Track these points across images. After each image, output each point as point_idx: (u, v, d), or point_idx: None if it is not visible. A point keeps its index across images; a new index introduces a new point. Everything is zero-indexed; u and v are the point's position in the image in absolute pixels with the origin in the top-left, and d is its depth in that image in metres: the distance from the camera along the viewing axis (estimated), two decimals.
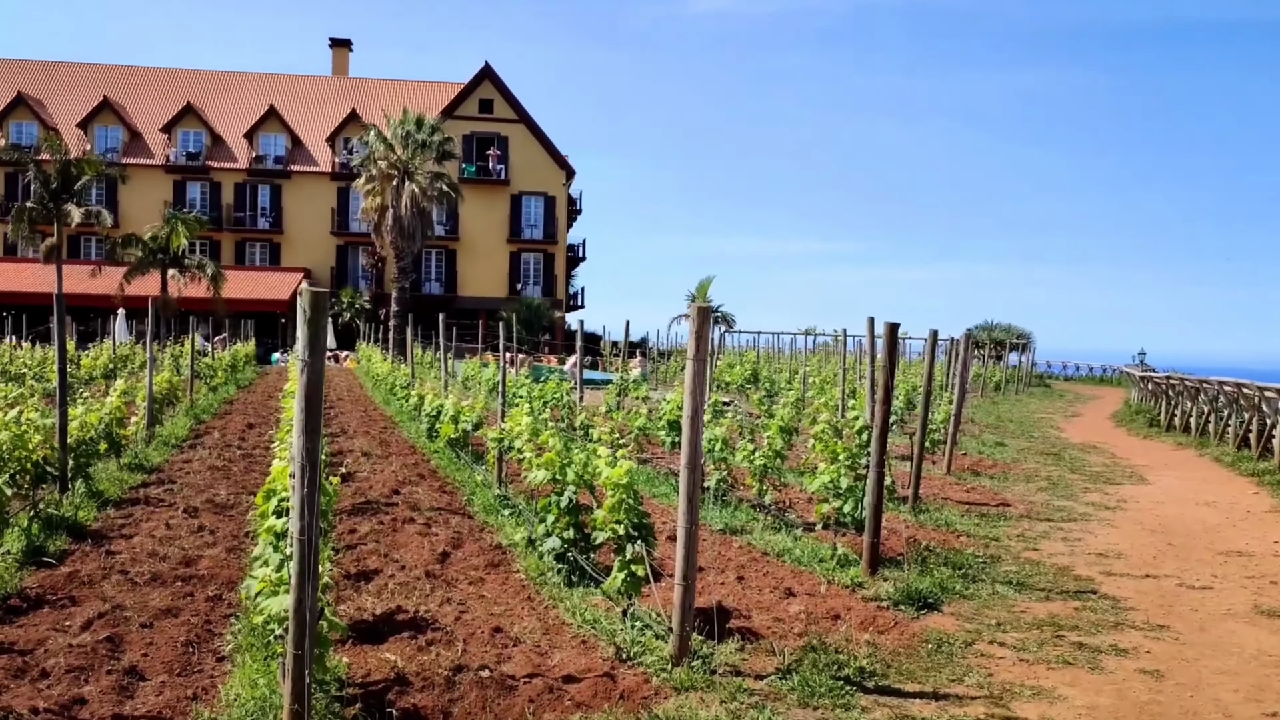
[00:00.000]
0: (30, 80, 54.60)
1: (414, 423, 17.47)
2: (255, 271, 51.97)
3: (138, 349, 32.68)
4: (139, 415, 14.20)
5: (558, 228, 55.78)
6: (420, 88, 57.86)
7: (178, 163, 52.90)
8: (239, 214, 53.56)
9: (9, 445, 8.10)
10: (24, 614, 6.39)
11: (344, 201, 53.74)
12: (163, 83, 56.37)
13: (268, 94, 56.00)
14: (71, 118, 52.74)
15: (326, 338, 3.92)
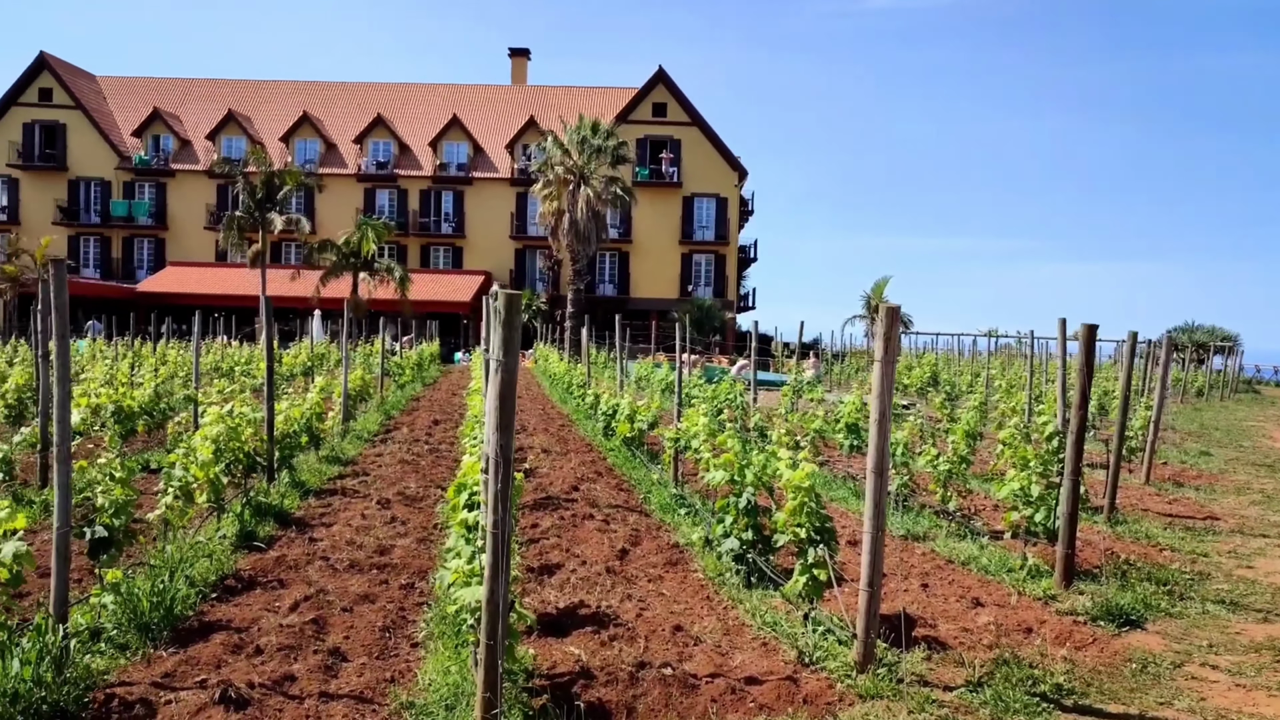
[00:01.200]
0: (239, 98, 59.04)
1: (590, 421, 17.82)
2: (439, 274, 54.37)
3: (332, 348, 34.78)
4: (335, 411, 15.09)
5: (729, 229, 55.74)
6: (595, 94, 59.08)
7: (368, 172, 55.96)
8: (424, 219, 56.18)
9: (225, 437, 8.75)
10: (239, 594, 6.89)
11: (522, 206, 55.51)
12: (355, 97, 59.81)
13: (451, 104, 58.47)
14: (275, 132, 56.68)
15: (520, 338, 4.03)
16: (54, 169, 55.12)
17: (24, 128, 55.13)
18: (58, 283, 5.57)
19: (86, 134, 55.37)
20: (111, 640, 5.66)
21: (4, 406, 13.91)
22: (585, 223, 41.70)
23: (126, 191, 55.89)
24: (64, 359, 5.59)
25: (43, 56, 55.26)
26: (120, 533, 6.10)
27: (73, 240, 55.21)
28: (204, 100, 58.92)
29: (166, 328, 29.71)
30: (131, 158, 55.61)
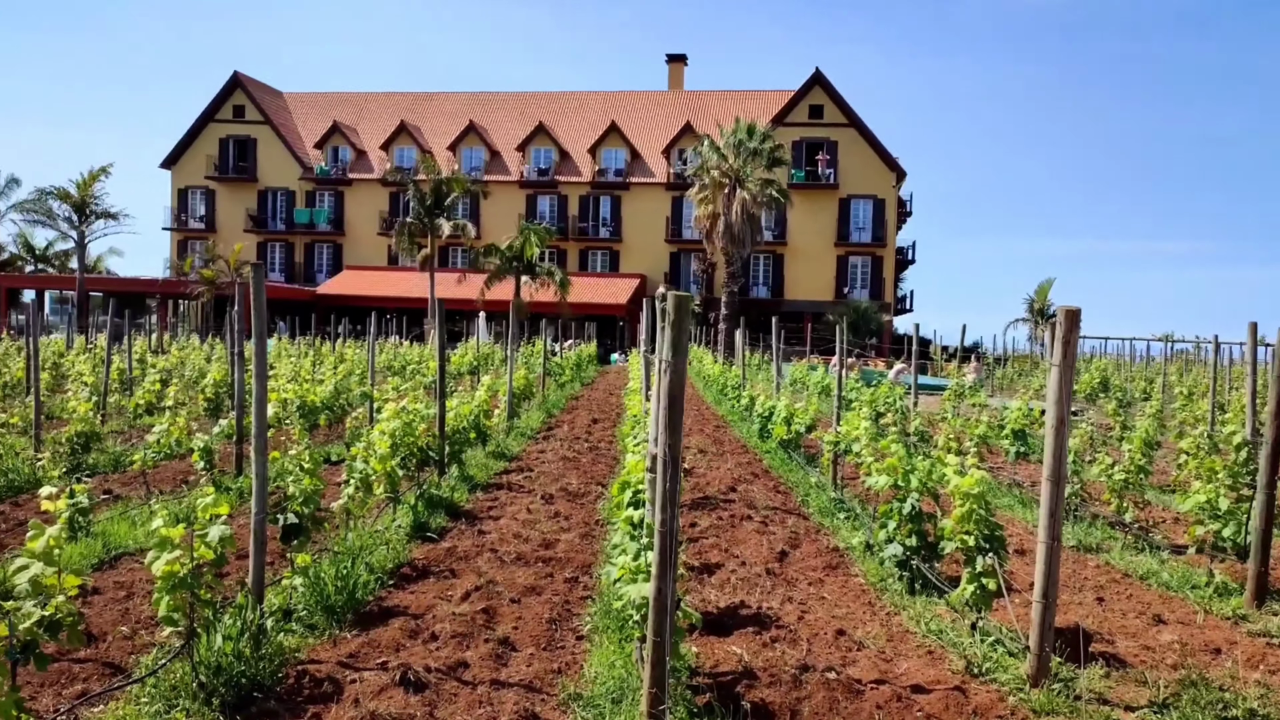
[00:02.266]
0: (410, 110, 61.87)
1: (745, 423, 17.80)
2: (596, 277, 55.41)
3: (496, 348, 35.97)
4: (500, 408, 15.63)
5: (886, 230, 54.52)
6: (751, 97, 58.94)
7: (530, 178, 57.60)
8: (582, 224, 57.38)
9: (400, 432, 9.20)
10: (414, 582, 7.24)
11: (677, 210, 55.95)
12: (518, 106, 61.68)
13: (609, 111, 59.51)
14: (443, 141, 59.10)
15: (689, 339, 4.10)
16: (245, 180, 59.22)
17: (220, 143, 59.48)
18: (256, 286, 6.01)
19: (274, 147, 59.24)
20: (301, 620, 6.05)
21: (204, 400, 15.05)
22: (740, 225, 41.63)
23: (308, 200, 59.46)
24: (262, 356, 6.02)
25: (236, 76, 59.46)
26: (309, 520, 6.52)
27: (261, 246, 59.14)
28: (379, 112, 62.05)
29: (343, 328, 31.39)
30: (313, 169, 59.13)
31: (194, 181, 59.71)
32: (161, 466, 11.01)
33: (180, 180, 60.01)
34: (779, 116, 53.77)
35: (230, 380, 15.40)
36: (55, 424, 13.86)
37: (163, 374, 17.78)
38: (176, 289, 49.19)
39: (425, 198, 44.77)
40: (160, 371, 17.97)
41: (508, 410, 16.05)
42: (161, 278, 54.80)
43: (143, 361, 22.32)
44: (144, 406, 15.20)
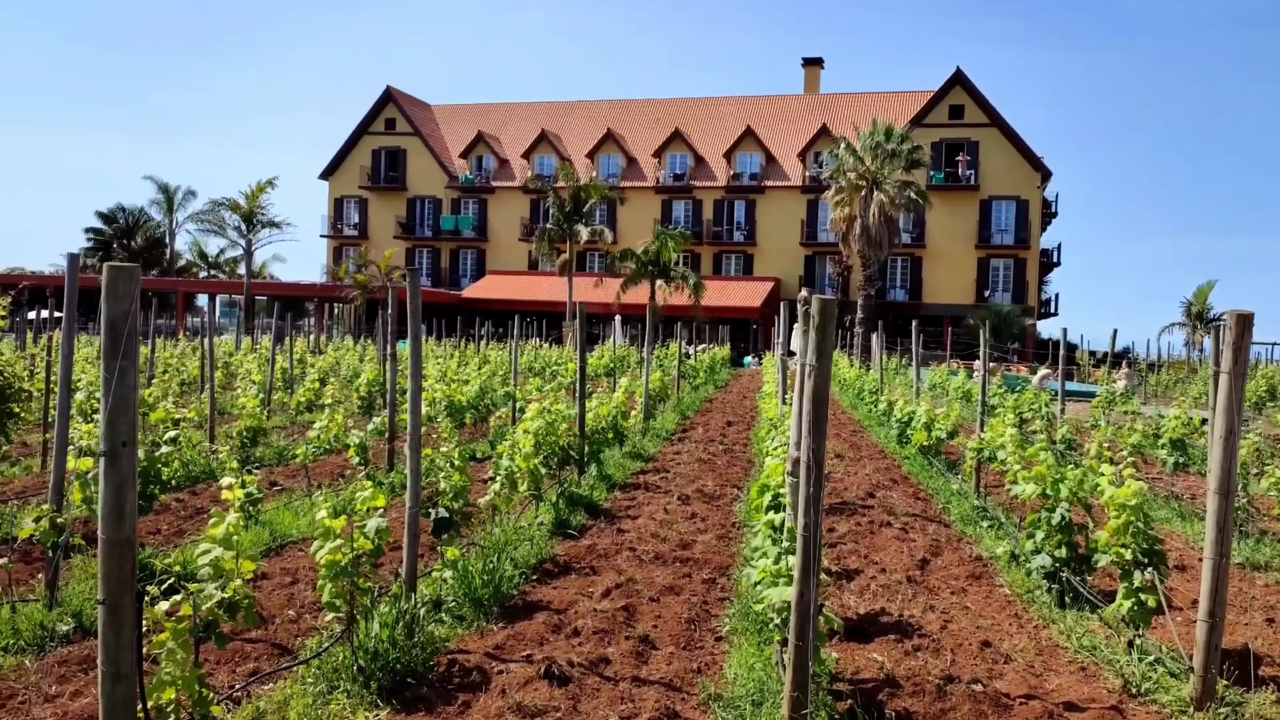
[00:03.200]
0: (551, 119, 63.26)
1: (882, 428, 17.47)
2: (729, 281, 55.34)
3: (631, 350, 36.37)
4: (636, 410, 15.82)
5: (1030, 232, 52.47)
6: (888, 99, 57.77)
7: (666, 184, 58.00)
8: (717, 228, 57.40)
9: (543, 431, 9.45)
10: (555, 577, 7.42)
11: (812, 213, 55.33)
12: (654, 113, 62.22)
13: (744, 116, 59.35)
14: (581, 149, 60.18)
15: (833, 344, 4.09)
16: (396, 189, 61.75)
17: (372, 154, 62.23)
18: (412, 291, 6.29)
19: (423, 157, 61.57)
20: (450, 611, 6.29)
21: (358, 399, 15.79)
22: (877, 228, 40.83)
23: (454, 208, 61.53)
24: (417, 357, 6.30)
25: (388, 91, 62.08)
26: (459, 515, 6.78)
27: (409, 252, 61.53)
28: (521, 122, 63.69)
29: (486, 330, 32.30)
30: (459, 177, 61.16)
31: (349, 191, 62.63)
32: (320, 461, 11.60)
33: (337, 190, 63.06)
34: (918, 117, 52.50)
35: (382, 380, 16.11)
36: (226, 419, 14.79)
37: (321, 374, 18.75)
38: (332, 293, 51.71)
39: (564, 204, 45.70)
40: (319, 371, 18.95)
41: (644, 412, 16.23)
42: (319, 282, 57.70)
43: (302, 361, 23.58)
44: (305, 404, 16.06)
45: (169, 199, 65.37)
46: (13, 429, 8.56)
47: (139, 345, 3.31)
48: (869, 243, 41.17)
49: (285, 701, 4.84)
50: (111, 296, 3.14)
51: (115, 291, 3.15)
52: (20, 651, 5.43)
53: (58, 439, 6.04)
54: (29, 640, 5.52)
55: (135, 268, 3.23)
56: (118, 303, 3.15)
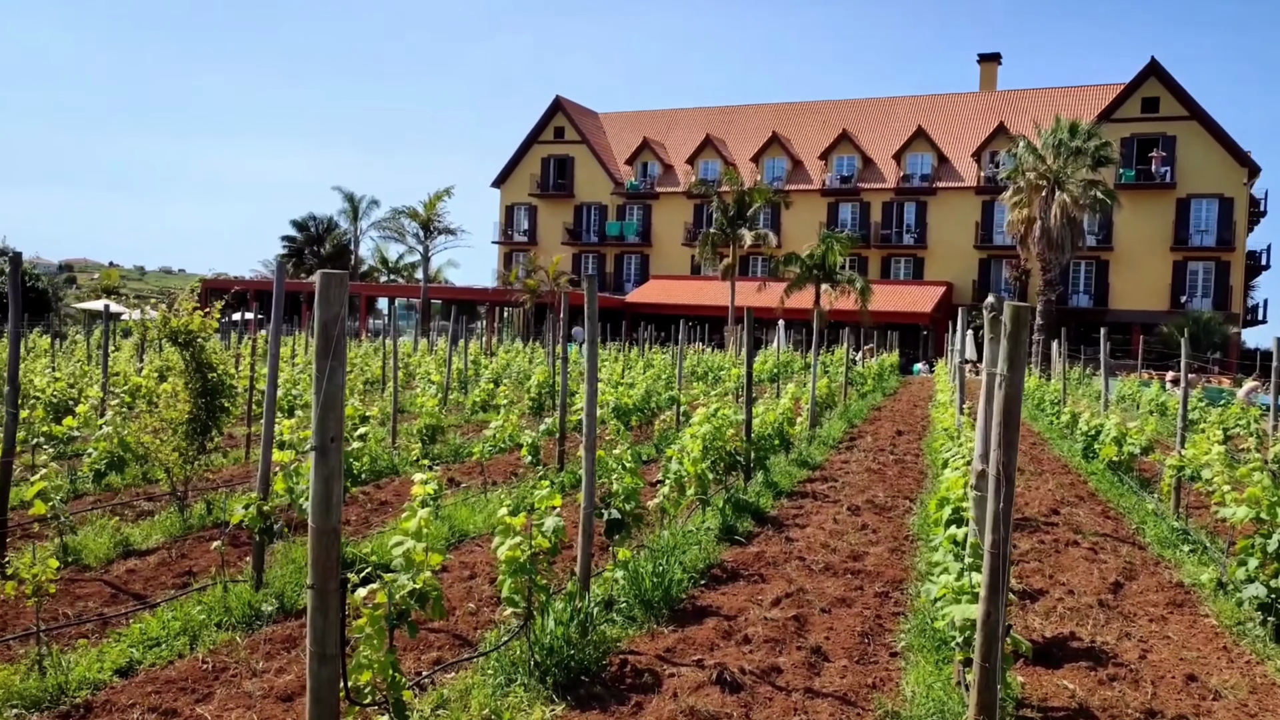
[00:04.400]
0: (715, 124, 63.39)
1: (1065, 440, 16.60)
2: (898, 285, 53.90)
3: (795, 356, 35.97)
4: (802, 417, 15.61)
5: (1234, 233, 48.68)
6: (1072, 94, 54.94)
7: (832, 186, 57.09)
8: (885, 231, 56.05)
9: (710, 436, 9.45)
10: (723, 583, 7.40)
11: (988, 215, 53.23)
12: (821, 115, 61.37)
13: (915, 115, 57.73)
14: (746, 153, 60.00)
15: (1025, 353, 3.90)
16: (564, 196, 63.33)
17: (542, 162, 64.04)
18: (590, 296, 6.41)
19: (590, 165, 62.90)
20: (621, 612, 6.37)
21: (528, 400, 16.26)
22: (1058, 230, 38.84)
23: (619, 214, 62.54)
24: (593, 361, 6.41)
25: (558, 100, 63.75)
26: (630, 517, 6.86)
27: (576, 258, 62.94)
28: (685, 128, 64.11)
29: (649, 334, 32.63)
30: (624, 184, 62.13)
31: (519, 199, 64.66)
32: (494, 459, 11.99)
33: (508, 198, 65.23)
34: (1106, 112, 49.63)
35: (551, 382, 16.52)
36: (405, 417, 15.51)
37: (494, 375, 19.41)
38: (503, 297, 53.48)
39: (728, 209, 45.66)
40: (492, 373, 19.62)
41: (810, 418, 16.00)
42: (490, 287, 59.80)
43: (476, 363, 24.47)
44: (479, 404, 16.67)
45: (354, 208, 69.26)
46: (223, 422, 9.23)
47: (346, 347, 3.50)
48: (1049, 245, 39.22)
49: (467, 691, 5.02)
50: (324, 301, 3.33)
51: (327, 297, 3.34)
52: (231, 628, 5.85)
53: (265, 433, 6.47)
54: (238, 618, 5.94)
55: (344, 275, 3.42)
56: (329, 307, 3.34)
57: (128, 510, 9.19)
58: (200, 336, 8.82)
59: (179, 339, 8.86)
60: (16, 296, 7.08)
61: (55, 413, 12.90)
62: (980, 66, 60.59)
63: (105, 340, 14.69)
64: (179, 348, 8.98)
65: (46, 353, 23.13)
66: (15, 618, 5.98)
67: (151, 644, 5.50)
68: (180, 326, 8.76)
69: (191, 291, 18.06)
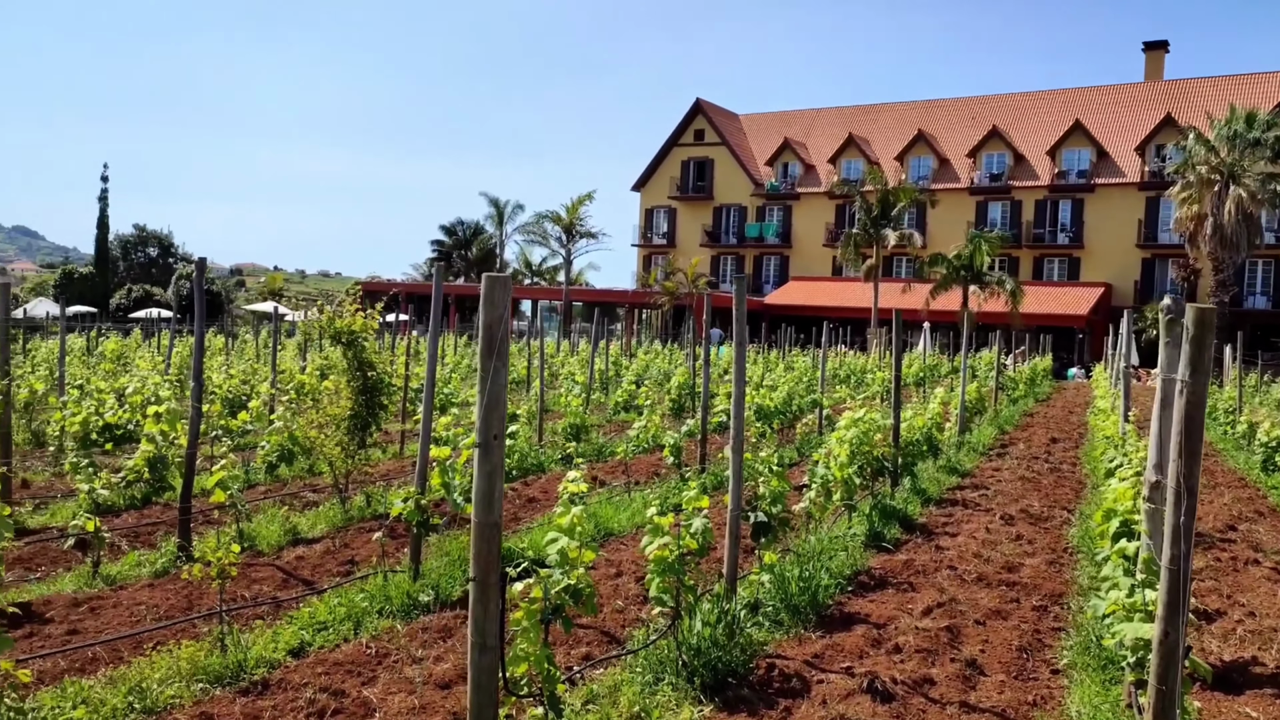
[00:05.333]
0: (858, 123, 62.22)
1: (1241, 452, 15.56)
2: (1051, 286, 51.62)
3: (941, 359, 34.94)
4: (950, 422, 15.15)
5: None
6: (1247, 81, 51.38)
7: (981, 184, 55.17)
8: (1038, 230, 53.77)
9: (857, 441, 9.28)
10: (871, 591, 7.26)
11: (1152, 212, 50.37)
12: (969, 111, 59.41)
13: (1072, 109, 55.18)
14: (890, 151, 58.65)
15: (1210, 358, 3.68)
16: (703, 198, 63.41)
17: (682, 165, 64.30)
18: (738, 298, 6.39)
19: (729, 166, 62.78)
20: (767, 616, 6.33)
21: (669, 401, 16.36)
22: (1232, 227, 36.44)
23: (758, 215, 62.17)
24: (741, 363, 6.40)
25: (698, 103, 63.89)
26: (776, 520, 6.80)
27: (714, 259, 62.92)
28: (827, 127, 63.19)
29: (789, 336, 32.32)
30: (764, 185, 61.72)
31: (659, 201, 65.09)
32: (637, 459, 12.11)
33: (647, 201, 65.76)
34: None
35: (691, 383, 16.57)
36: (550, 416, 15.84)
37: (636, 376, 19.61)
38: (642, 299, 53.93)
39: (871, 209, 44.74)
40: (633, 374, 19.82)
41: (959, 424, 15.51)
42: (630, 289, 60.44)
43: (616, 364, 24.78)
44: (621, 404, 16.86)
45: (500, 213, 71.14)
46: (381, 419, 9.65)
47: (509, 348, 3.60)
48: (1222, 244, 36.85)
49: (616, 687, 5.08)
50: (488, 304, 3.44)
51: (491, 299, 3.44)
52: (391, 616, 6.10)
53: (423, 430, 6.73)
54: (398, 607, 6.20)
55: (508, 278, 3.52)
56: (493, 309, 3.44)
57: (295, 500, 9.72)
58: (362, 337, 9.24)
59: (342, 339, 9.31)
60: (201, 298, 7.58)
61: (230, 407, 13.75)
62: (1145, 55, 57.42)
63: (274, 341, 15.57)
64: (342, 347, 9.43)
65: (221, 351, 24.71)
66: (199, 597, 6.41)
67: (320, 627, 5.79)
68: (344, 327, 9.20)
69: (349, 294, 18.98)
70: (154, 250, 77.73)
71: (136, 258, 76.44)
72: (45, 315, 46.01)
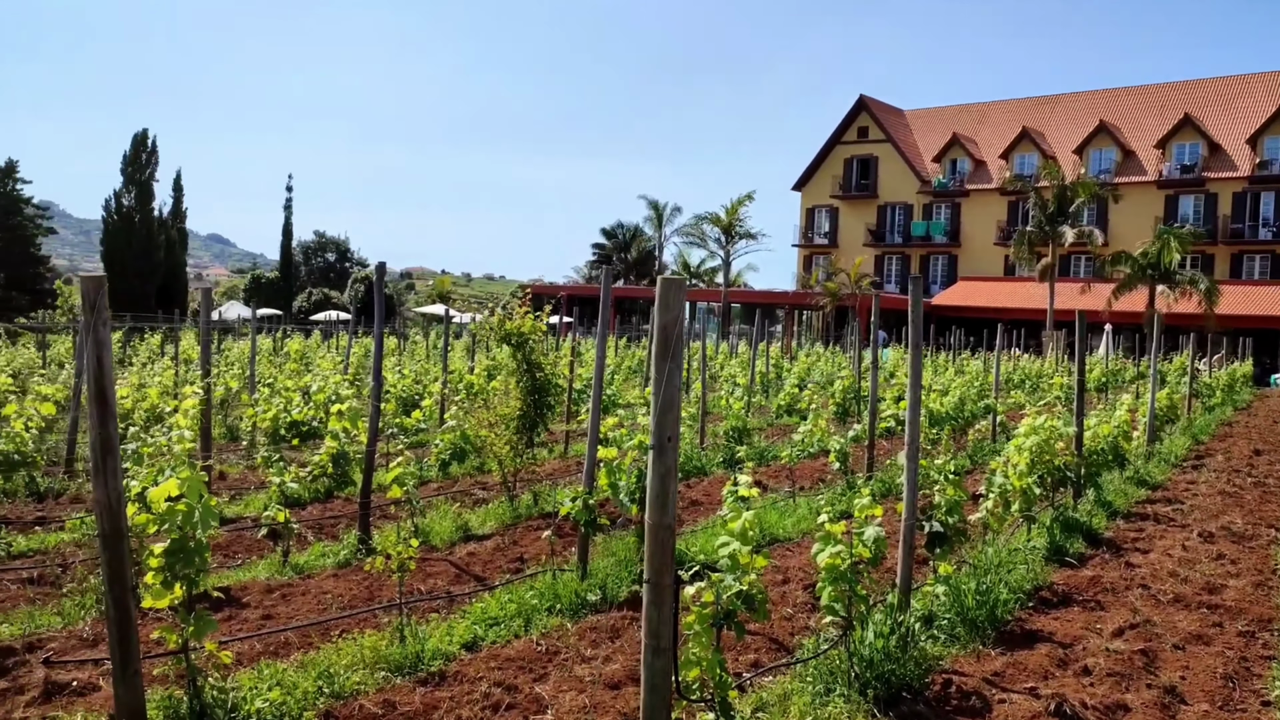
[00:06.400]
0: (1032, 115, 59.42)
1: None
2: (1252, 285, 47.84)
3: (1125, 364, 32.92)
4: (1138, 431, 14.21)
5: None
6: None
7: (1170, 177, 51.73)
8: (1235, 225, 49.93)
9: (1037, 449, 8.81)
10: (1055, 608, 6.86)
11: None
12: (1156, 100, 55.79)
13: (1276, 93, 50.98)
14: (1067, 144, 55.75)
15: None
16: (866, 197, 62.07)
17: (844, 163, 63.15)
18: (914, 300, 6.16)
19: (894, 164, 61.20)
20: (942, 629, 6.07)
21: (833, 405, 16.03)
22: None
23: (925, 213, 60.34)
24: (917, 367, 6.17)
25: (861, 99, 62.60)
26: (952, 530, 6.53)
27: (878, 260, 61.48)
28: (998, 121, 60.70)
29: (958, 339, 31.20)
30: (931, 182, 59.85)
31: (820, 201, 64.14)
32: (801, 463, 11.91)
33: (808, 200, 64.91)
34: None
35: (856, 386, 16.18)
36: (710, 418, 15.80)
37: (799, 379, 19.33)
38: (802, 300, 53.21)
39: (1046, 205, 42.61)
40: (796, 377, 19.54)
41: (1147, 433, 14.53)
42: (789, 290, 59.76)
43: (777, 366, 24.50)
44: (784, 407, 16.64)
45: (658, 215, 71.71)
46: (548, 419, 9.85)
47: (684, 350, 3.56)
48: None
49: (785, 696, 4.98)
50: (663, 307, 3.42)
51: (666, 302, 3.42)
52: (560, 614, 6.19)
53: (590, 430, 6.80)
54: (566, 605, 6.28)
55: (683, 281, 3.49)
56: (668, 311, 3.42)
57: (465, 498, 10.03)
58: (531, 338, 9.45)
59: (512, 340, 9.56)
60: (381, 301, 7.92)
61: (404, 406, 14.36)
62: None
63: (445, 342, 16.17)
64: (512, 348, 9.68)
65: (394, 352, 25.88)
66: (379, 589, 6.68)
67: (491, 623, 5.93)
68: (514, 329, 9.44)
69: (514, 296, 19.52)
70: (332, 255, 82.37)
71: (316, 262, 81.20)
72: (237, 318, 49.51)
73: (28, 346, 25.44)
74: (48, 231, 63.36)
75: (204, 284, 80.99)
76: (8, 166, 58.26)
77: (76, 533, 7.81)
